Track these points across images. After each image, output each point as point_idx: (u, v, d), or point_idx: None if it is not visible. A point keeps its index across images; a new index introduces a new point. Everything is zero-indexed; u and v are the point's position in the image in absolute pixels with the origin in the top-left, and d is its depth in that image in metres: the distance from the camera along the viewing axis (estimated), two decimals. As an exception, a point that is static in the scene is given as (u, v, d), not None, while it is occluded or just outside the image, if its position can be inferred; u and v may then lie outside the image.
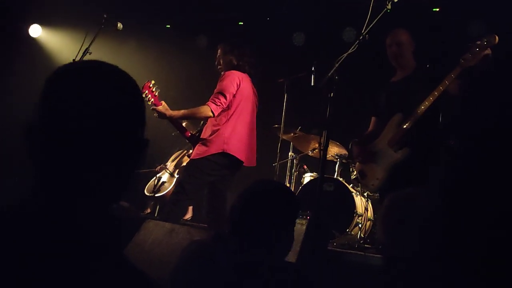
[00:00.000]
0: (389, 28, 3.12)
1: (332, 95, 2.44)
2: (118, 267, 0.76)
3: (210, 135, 3.46)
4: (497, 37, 2.53)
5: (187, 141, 3.68)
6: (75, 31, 5.18)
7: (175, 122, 3.55)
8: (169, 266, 1.82)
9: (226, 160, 3.43)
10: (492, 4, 5.04)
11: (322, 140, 2.44)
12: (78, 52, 3.49)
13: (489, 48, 2.60)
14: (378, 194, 4.34)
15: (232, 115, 3.47)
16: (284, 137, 4.53)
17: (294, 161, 4.76)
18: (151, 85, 3.41)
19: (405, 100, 2.99)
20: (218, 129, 3.44)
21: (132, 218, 4.82)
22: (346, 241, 4.11)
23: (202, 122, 3.69)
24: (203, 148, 3.44)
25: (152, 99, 3.40)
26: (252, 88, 3.66)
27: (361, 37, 2.50)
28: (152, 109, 3.42)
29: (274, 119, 4.60)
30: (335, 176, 4.48)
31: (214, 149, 3.40)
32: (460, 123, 4.05)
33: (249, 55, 3.60)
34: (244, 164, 3.52)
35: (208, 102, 3.40)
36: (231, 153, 3.41)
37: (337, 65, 2.46)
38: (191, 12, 6.31)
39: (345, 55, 2.47)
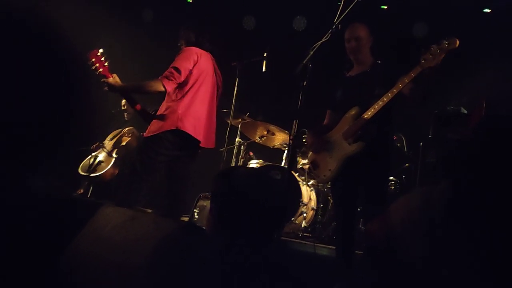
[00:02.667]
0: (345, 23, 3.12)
1: (305, 83, 2.39)
2: None
3: (164, 111, 3.28)
4: (458, 41, 2.60)
5: (140, 117, 3.44)
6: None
7: (127, 95, 3.33)
8: (135, 253, 1.69)
9: (180, 138, 3.26)
10: (435, 7, 5.29)
11: (293, 129, 2.39)
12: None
13: (448, 51, 2.67)
14: (322, 185, 4.43)
15: (188, 92, 3.30)
16: (233, 122, 4.45)
17: (242, 147, 4.71)
18: (99, 53, 3.13)
19: (362, 95, 3.01)
20: (172, 105, 3.27)
21: (64, 198, 4.51)
22: (290, 230, 4.15)
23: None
24: (157, 124, 3.26)
25: (101, 69, 3.13)
26: (214, 67, 3.51)
27: (334, 26, 2.47)
28: (102, 81, 3.16)
29: (222, 103, 4.51)
30: (282, 165, 4.49)
31: (167, 125, 3.22)
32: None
33: (210, 33, 3.45)
34: (201, 145, 3.36)
35: (160, 77, 3.21)
36: (185, 131, 3.24)
37: (311, 52, 2.42)
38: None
39: (319, 43, 2.43)
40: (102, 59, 3.15)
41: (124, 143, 5.22)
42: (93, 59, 3.12)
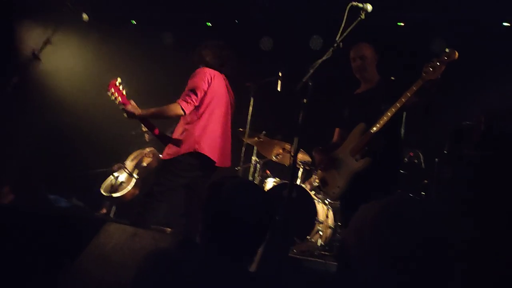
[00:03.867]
0: (356, 39, 3.14)
1: (306, 101, 2.42)
2: None
3: (181, 134, 3.32)
4: (457, 53, 2.61)
5: (159, 140, 3.49)
6: (37, 20, 4.89)
7: (144, 121, 3.39)
8: (131, 271, 1.74)
9: (198, 160, 3.29)
10: (453, 21, 5.25)
11: (293, 147, 2.41)
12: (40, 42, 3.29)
13: (447, 63, 2.68)
14: (339, 202, 4.39)
15: (203, 113, 3.34)
16: (248, 141, 4.49)
17: (258, 166, 4.74)
18: (117, 83, 3.22)
19: (368, 111, 3.01)
20: (189, 128, 3.30)
21: (86, 217, 4.64)
22: (306, 248, 4.12)
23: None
24: (174, 148, 3.29)
25: (120, 98, 3.23)
26: (227, 87, 3.55)
27: (336, 44, 2.51)
28: (122, 109, 3.25)
29: (238, 123, 4.56)
30: (298, 183, 4.49)
31: (185, 148, 3.26)
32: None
33: (227, 56, 3.50)
34: (216, 165, 3.38)
35: (178, 100, 3.26)
36: (203, 153, 3.27)
37: (311, 71, 2.45)
38: (157, 9, 6.19)
39: (319, 61, 2.46)
40: (120, 88, 3.25)
41: (145, 164, 5.34)
42: (112, 89, 3.21)
